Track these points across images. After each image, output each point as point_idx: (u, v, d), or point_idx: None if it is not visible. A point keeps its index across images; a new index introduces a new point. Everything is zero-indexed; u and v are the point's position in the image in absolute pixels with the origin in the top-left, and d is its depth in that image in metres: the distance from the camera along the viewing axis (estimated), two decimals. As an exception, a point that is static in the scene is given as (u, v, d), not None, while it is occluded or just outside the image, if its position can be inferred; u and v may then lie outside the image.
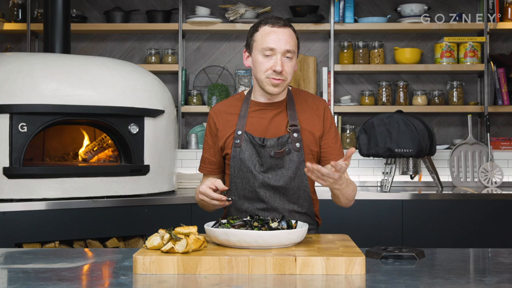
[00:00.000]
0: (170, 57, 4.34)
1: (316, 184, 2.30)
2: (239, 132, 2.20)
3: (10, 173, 2.93)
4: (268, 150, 2.18)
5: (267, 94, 2.19)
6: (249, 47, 2.19)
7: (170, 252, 1.64)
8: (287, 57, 2.12)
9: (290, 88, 2.30)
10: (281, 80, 2.13)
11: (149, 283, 1.49)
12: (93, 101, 3.10)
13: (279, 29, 2.12)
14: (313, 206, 2.26)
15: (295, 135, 2.18)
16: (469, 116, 4.20)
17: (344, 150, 3.01)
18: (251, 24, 4.31)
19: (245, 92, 2.30)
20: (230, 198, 2.02)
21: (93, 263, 1.77)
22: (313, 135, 2.22)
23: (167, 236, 1.68)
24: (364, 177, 4.25)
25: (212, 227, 1.80)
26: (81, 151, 3.51)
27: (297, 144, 2.18)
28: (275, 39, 2.10)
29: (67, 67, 3.13)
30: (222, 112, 2.27)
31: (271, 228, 1.76)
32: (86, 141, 3.54)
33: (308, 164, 1.84)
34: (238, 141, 2.19)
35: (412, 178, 3.99)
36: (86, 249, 2.04)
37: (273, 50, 2.10)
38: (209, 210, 2.22)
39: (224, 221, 1.86)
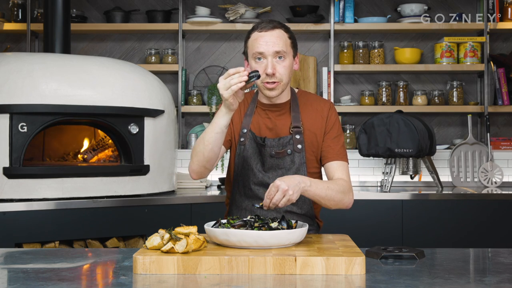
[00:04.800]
0: (170, 57, 4.33)
1: None
2: (244, 130, 2.21)
3: (10, 173, 2.93)
4: (268, 150, 2.18)
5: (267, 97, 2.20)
6: (246, 55, 2.20)
7: (170, 252, 1.64)
8: (279, 58, 2.11)
9: (296, 90, 2.30)
10: (275, 83, 2.12)
11: (149, 283, 1.49)
12: (93, 101, 3.10)
13: (266, 32, 2.12)
14: (313, 209, 2.25)
15: (297, 136, 2.18)
16: (469, 116, 4.20)
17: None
18: (251, 24, 4.35)
19: (255, 91, 2.31)
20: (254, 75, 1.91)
21: (93, 263, 1.77)
22: (316, 136, 2.21)
23: (167, 236, 1.68)
24: (364, 177, 4.25)
25: (212, 227, 1.80)
26: (81, 151, 3.51)
27: (299, 146, 2.18)
28: (262, 42, 2.10)
29: (67, 67, 3.13)
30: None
31: (271, 228, 1.76)
32: (86, 141, 3.54)
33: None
34: (243, 139, 2.20)
35: (412, 178, 3.99)
36: (86, 249, 2.04)
37: (263, 54, 2.10)
38: (205, 152, 2.05)
39: (224, 221, 1.86)
